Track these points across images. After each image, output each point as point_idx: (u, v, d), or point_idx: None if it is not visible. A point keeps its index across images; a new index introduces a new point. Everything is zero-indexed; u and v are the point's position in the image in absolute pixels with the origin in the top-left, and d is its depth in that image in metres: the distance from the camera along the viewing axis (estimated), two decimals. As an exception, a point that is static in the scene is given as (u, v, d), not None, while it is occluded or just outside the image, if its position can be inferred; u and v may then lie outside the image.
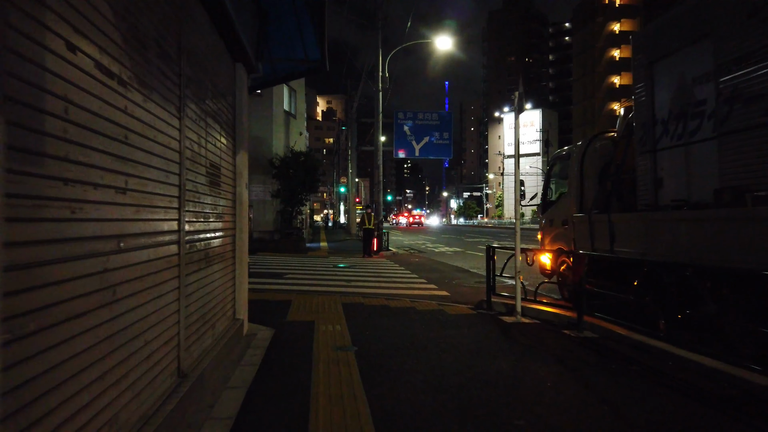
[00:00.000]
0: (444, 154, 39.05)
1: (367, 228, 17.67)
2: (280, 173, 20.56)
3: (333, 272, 12.48)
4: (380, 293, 8.99)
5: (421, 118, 37.81)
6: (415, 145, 38.18)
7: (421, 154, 38.82)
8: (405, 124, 36.99)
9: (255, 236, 20.20)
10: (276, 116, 21.41)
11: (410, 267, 14.05)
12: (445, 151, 38.75)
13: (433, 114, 38.05)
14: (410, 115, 38.56)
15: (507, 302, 7.15)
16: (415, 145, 38.18)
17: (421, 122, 37.75)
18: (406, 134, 37.30)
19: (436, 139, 37.87)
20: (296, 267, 13.49)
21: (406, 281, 10.90)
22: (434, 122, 37.87)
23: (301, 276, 11.50)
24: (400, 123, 38.50)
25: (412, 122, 38.07)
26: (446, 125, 38.29)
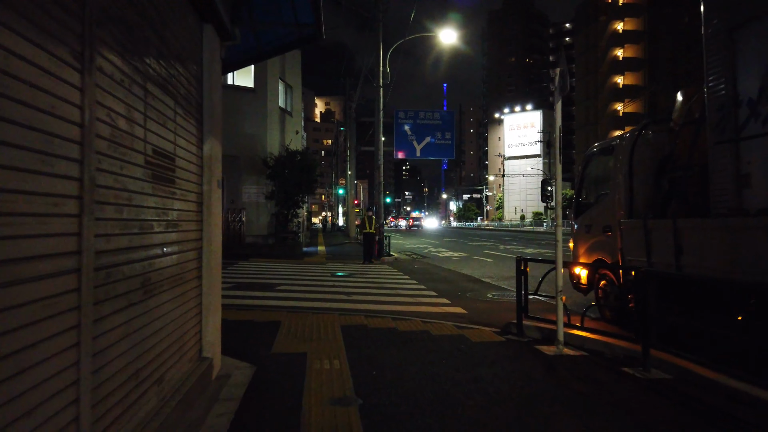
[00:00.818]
0: (446, 154, 37.79)
1: (367, 232, 16.41)
2: (274, 173, 19.29)
3: (331, 282, 11.20)
4: (385, 310, 7.72)
5: (422, 117, 36.56)
6: (416, 146, 36.91)
7: (423, 154, 37.57)
8: (405, 124, 35.75)
9: (248, 241, 18.93)
10: (270, 113, 20.15)
11: (415, 275, 12.78)
12: (447, 152, 37.49)
13: (434, 113, 36.80)
14: (411, 115, 37.30)
15: (543, 326, 5.88)
16: (416, 146, 36.91)
17: (422, 122, 36.50)
18: (407, 134, 36.05)
19: (438, 139, 36.63)
20: (290, 276, 12.21)
21: (413, 294, 9.62)
22: (436, 122, 36.65)
23: (295, 288, 10.22)
24: (401, 123, 37.26)
25: (413, 122, 36.80)
26: (448, 125, 37.07)
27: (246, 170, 19.31)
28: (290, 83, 22.68)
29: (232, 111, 18.96)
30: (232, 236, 18.43)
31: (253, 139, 19.38)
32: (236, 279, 11.36)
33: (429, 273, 13.63)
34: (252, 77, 19.52)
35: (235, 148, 18.97)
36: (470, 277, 12.56)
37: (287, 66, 22.22)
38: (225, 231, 18.29)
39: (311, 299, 8.74)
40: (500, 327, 6.46)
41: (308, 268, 14.36)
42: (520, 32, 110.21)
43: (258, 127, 19.57)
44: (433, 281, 11.66)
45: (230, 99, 18.77)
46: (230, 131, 19.03)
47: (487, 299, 9.03)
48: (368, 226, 16.38)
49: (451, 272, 13.93)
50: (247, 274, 12.60)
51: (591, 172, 7.31)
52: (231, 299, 8.51)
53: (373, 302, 8.49)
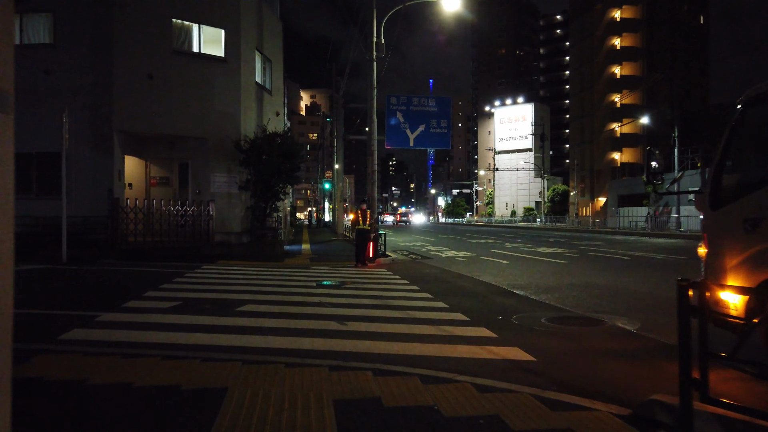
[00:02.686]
0: (441, 144, 34.69)
1: (361, 229, 13.50)
2: (249, 159, 16.29)
3: (317, 297, 8.27)
4: (404, 355, 4.83)
5: (415, 104, 33.50)
6: (410, 135, 33.85)
7: (416, 144, 34.52)
8: (398, 111, 32.73)
9: (217, 239, 15.92)
10: (245, 88, 17.11)
11: (426, 285, 9.91)
12: (442, 141, 34.41)
13: (429, 99, 33.81)
14: (404, 101, 34.16)
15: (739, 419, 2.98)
16: (410, 135, 33.85)
17: (416, 109, 33.49)
18: (400, 122, 33.02)
19: (433, 127, 33.63)
20: (262, 286, 9.26)
21: (435, 318, 6.73)
22: (431, 109, 33.69)
23: (266, 308, 7.28)
24: (393, 109, 34.07)
25: (406, 109, 33.67)
26: (444, 112, 34.09)
27: (215, 155, 16.28)
28: (269, 56, 19.63)
29: (198, 84, 15.90)
30: (198, 233, 15.41)
31: (223, 118, 16.34)
32: (186, 293, 8.39)
33: (441, 281, 10.77)
34: (222, 45, 16.45)
35: (202, 128, 15.93)
36: (497, 288, 9.72)
37: (266, 36, 19.16)
38: (190, 227, 15.29)
39: (286, 331, 5.81)
40: (622, 401, 3.59)
41: (288, 274, 11.41)
42: (511, 24, 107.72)
43: (230, 105, 16.52)
44: (453, 295, 8.80)
45: (195, 69, 15.70)
46: (195, 108, 15.99)
47: (547, 329, 6.18)
48: (362, 222, 13.47)
49: (468, 279, 11.08)
50: (206, 283, 9.62)
51: (754, 130, 4.44)
52: (160, 333, 5.56)
53: (381, 337, 5.58)
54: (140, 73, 14.99)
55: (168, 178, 16.75)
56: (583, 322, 6.46)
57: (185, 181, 16.46)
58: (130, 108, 14.93)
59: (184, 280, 10.14)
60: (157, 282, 9.62)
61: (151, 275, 10.96)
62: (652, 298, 8.51)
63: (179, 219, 15.18)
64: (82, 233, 14.33)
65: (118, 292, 8.67)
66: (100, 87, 14.73)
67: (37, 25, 14.96)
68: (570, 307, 7.62)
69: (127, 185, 16.38)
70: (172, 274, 10.89)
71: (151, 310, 6.92)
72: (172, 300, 7.67)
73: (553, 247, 21.37)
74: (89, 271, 11.60)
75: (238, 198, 16.75)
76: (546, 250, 19.33)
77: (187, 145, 16.22)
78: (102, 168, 14.69)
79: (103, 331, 5.74)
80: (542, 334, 5.82)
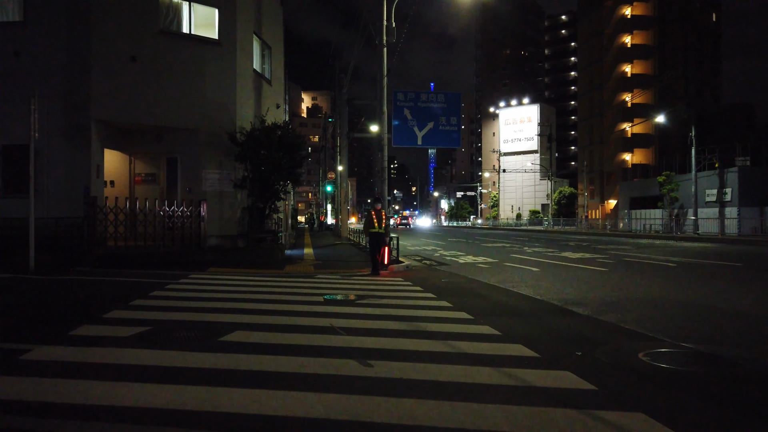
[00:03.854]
0: (451, 142, 32.82)
1: (376, 232, 11.68)
2: (246, 154, 14.52)
3: (325, 319, 6.47)
4: (467, 431, 3.04)
5: (424, 99, 31.75)
6: (417, 132, 32.08)
7: (425, 142, 32.69)
8: (405, 107, 31.08)
9: (210, 243, 14.14)
10: (241, 76, 15.34)
11: (457, 300, 8.09)
12: (452, 139, 32.58)
13: (438, 95, 31.96)
14: (411, 97, 32.34)
15: None
16: (417, 132, 32.08)
17: (424, 105, 31.74)
18: (407, 119, 31.28)
19: (443, 125, 31.91)
20: (258, 302, 7.46)
21: (489, 354, 4.90)
22: (440, 105, 31.95)
23: (258, 336, 5.48)
24: (400, 106, 32.27)
25: (414, 105, 31.89)
26: (454, 108, 32.28)
27: (208, 149, 14.51)
28: (268, 43, 17.88)
29: (189, 68, 14.14)
30: (187, 237, 13.64)
31: (217, 108, 14.57)
32: (161, 312, 6.59)
33: (473, 294, 8.95)
34: (216, 26, 14.69)
35: (193, 118, 14.17)
36: (547, 304, 7.91)
37: (265, 20, 17.42)
38: (178, 230, 13.52)
39: (284, 380, 3.99)
40: None
41: (289, 285, 9.60)
42: (515, 23, 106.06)
43: (224, 93, 14.76)
44: (496, 314, 6.99)
45: (185, 52, 13.94)
46: (185, 96, 14.21)
47: (658, 373, 4.36)
48: (377, 225, 11.66)
49: (504, 292, 9.27)
50: (189, 298, 7.82)
51: None
52: (96, 384, 3.73)
53: (426, 390, 3.77)
54: (122, 56, 13.23)
55: (154, 174, 14.97)
56: (704, 361, 4.64)
57: (174, 178, 14.69)
58: (111, 95, 13.17)
59: (163, 293, 8.35)
60: (130, 296, 7.84)
61: (127, 287, 9.18)
62: (758, 321, 6.70)
63: (166, 221, 13.42)
64: (54, 237, 12.56)
65: (77, 310, 6.89)
66: (75, 70, 12.97)
67: (4, 0, 13.22)
68: (658, 333, 5.81)
69: (108, 183, 14.62)
70: (152, 286, 9.11)
71: (105, 341, 5.13)
72: (139, 324, 5.88)
73: (578, 251, 19.55)
74: (55, 282, 9.82)
75: (234, 197, 14.97)
76: (573, 255, 17.51)
77: (176, 137, 14.46)
78: (78, 163, 12.91)
79: (20, 379, 3.94)
80: (661, 385, 3.99)
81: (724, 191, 42.13)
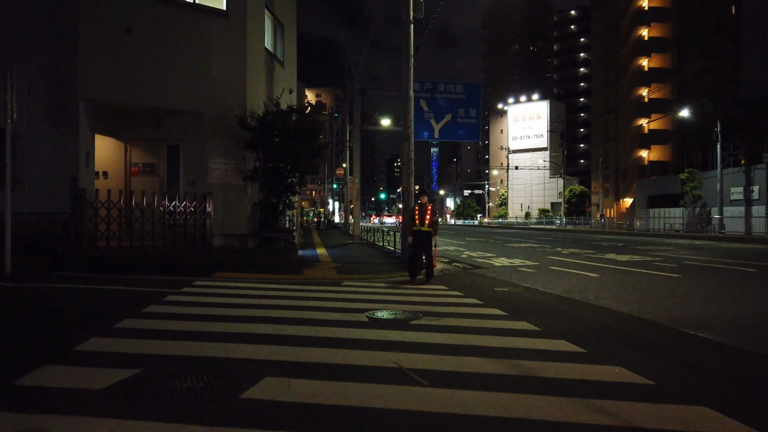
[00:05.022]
0: (470, 135, 31.19)
1: (420, 230, 9.78)
2: (257, 141, 12.70)
3: (384, 354, 4.63)
4: None
5: (441, 90, 29.99)
6: (434, 125, 30.37)
7: (442, 135, 31.04)
8: (421, 98, 29.25)
9: (217, 243, 12.36)
10: (252, 54, 13.51)
11: (537, 318, 6.25)
12: (471, 132, 30.92)
13: (456, 86, 30.20)
14: (428, 87, 30.57)
15: None
16: (434, 125, 30.37)
17: (442, 95, 29.96)
18: (423, 111, 29.52)
19: (461, 117, 30.13)
20: (283, 324, 5.62)
21: (663, 428, 3.09)
22: (458, 96, 30.14)
23: (301, 387, 3.65)
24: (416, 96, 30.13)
25: (431, 95, 30.15)
26: (473, 100, 30.50)
27: (214, 135, 12.68)
28: (281, 19, 16.04)
29: (193, 42, 12.32)
30: (191, 237, 11.84)
31: (225, 88, 12.74)
32: (154, 342, 4.75)
33: (553, 312, 7.11)
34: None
35: (197, 100, 12.35)
36: (659, 327, 6.06)
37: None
38: (181, 228, 11.74)
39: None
40: None
41: (314, 297, 7.76)
42: (524, 19, 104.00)
43: (233, 71, 12.93)
44: (611, 344, 5.15)
45: (188, 24, 12.12)
46: (189, 73, 12.36)
47: None
48: (418, 222, 9.77)
49: (589, 308, 7.43)
50: (192, 317, 5.98)
51: None
52: None
53: None
54: (115, 26, 11.40)
55: (153, 164, 13.15)
56: None
57: (175, 169, 12.87)
58: (102, 71, 11.35)
59: (160, 309, 6.53)
60: (118, 313, 6.05)
61: (116, 298, 7.39)
62: None
63: (167, 218, 11.63)
64: (35, 236, 10.75)
65: (43, 337, 5.08)
66: (61, 42, 11.16)
67: (-22, -39, 11.41)
68: None
69: (101, 174, 12.81)
70: (148, 297, 7.32)
71: (67, 400, 3.32)
72: (124, 363, 4.06)
73: (620, 253, 17.68)
74: (30, 291, 8.03)
75: (243, 191, 13.15)
76: (621, 258, 15.65)
77: (178, 122, 12.64)
78: (64, 150, 11.10)
79: None
80: None
81: (751, 189, 40.25)
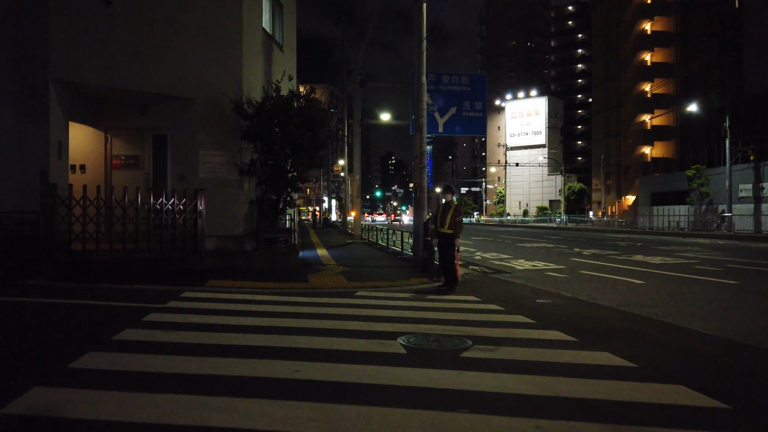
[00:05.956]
0: (475, 129, 29.52)
1: (439, 232, 8.42)
2: (255, 130, 11.24)
3: (438, 415, 3.23)
4: None
5: (446, 82, 28.38)
6: (438, 119, 28.71)
7: (446, 130, 29.44)
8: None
9: (210, 246, 10.93)
10: (249, 32, 12.05)
11: (622, 347, 4.86)
12: (476, 126, 29.23)
13: (462, 77, 28.57)
14: (432, 79, 28.88)
15: None
16: (438, 119, 28.71)
17: (446, 88, 28.37)
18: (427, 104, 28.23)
19: (466, 110, 28.51)
20: (294, 359, 4.21)
21: None
22: (464, 88, 28.55)
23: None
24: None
25: (435, 88, 28.52)
26: (479, 92, 28.86)
27: (206, 123, 11.21)
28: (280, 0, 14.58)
29: (181, 18, 10.84)
30: (180, 238, 10.39)
31: (218, 70, 11.27)
32: (126, 395, 3.30)
33: (629, 333, 5.72)
34: (216, -34, 11.36)
35: (187, 83, 10.89)
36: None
37: (275, -30, 14.13)
38: (169, 229, 10.31)
39: None
40: None
41: (328, 314, 6.32)
42: (521, 14, 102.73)
43: (227, 52, 11.45)
44: (761, 396, 3.81)
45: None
46: (177, 53, 10.88)
47: None
48: (439, 223, 8.37)
49: (673, 330, 6.07)
50: (178, 349, 4.51)
51: None
52: None
53: None
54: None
55: (137, 157, 11.66)
56: None
57: (162, 161, 11.39)
58: (77, 49, 9.85)
59: (137, 335, 5.10)
60: (83, 339, 4.64)
61: (84, 320, 5.95)
62: None
63: (153, 217, 10.18)
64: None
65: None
66: (28, 15, 9.65)
67: None
68: None
69: (78, 168, 11.32)
70: (125, 314, 5.92)
71: None
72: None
73: (648, 254, 16.40)
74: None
75: (239, 187, 11.69)
76: (654, 260, 14.34)
77: (165, 108, 11.15)
78: (32, 139, 9.60)
79: None
80: None
81: (761, 186, 39.22)
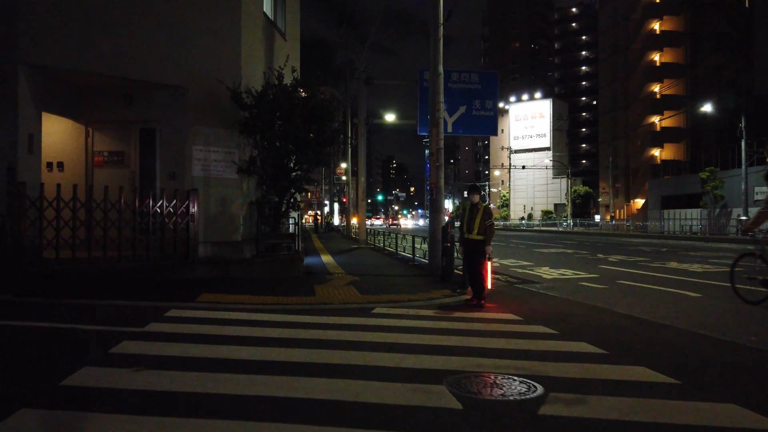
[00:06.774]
0: (486, 129, 28.24)
1: (471, 239, 7.18)
2: (255, 123, 9.97)
3: None
4: None
5: (455, 79, 27.16)
6: (447, 118, 27.32)
7: (455, 129, 28.17)
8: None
9: (203, 254, 9.68)
10: (248, 20, 10.80)
11: (736, 392, 3.61)
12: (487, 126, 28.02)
13: (472, 75, 27.35)
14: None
15: None
16: (447, 118, 27.32)
17: (455, 86, 27.18)
18: (435, 102, 27.08)
19: (476, 109, 27.32)
20: (296, 420, 2.95)
21: None
22: (474, 86, 27.38)
23: None
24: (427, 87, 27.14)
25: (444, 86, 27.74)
26: (490, 90, 27.71)
27: (200, 116, 9.95)
28: (283, -18, 13.36)
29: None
30: (169, 245, 9.13)
31: (213, 55, 10.02)
32: None
33: (734, 370, 4.44)
34: (211, -60, 10.13)
35: (179, 70, 9.63)
36: None
37: (278, -49, 12.91)
38: (158, 234, 9.06)
39: None
40: None
41: (342, 342, 5.01)
42: (525, 16, 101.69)
43: (224, 36, 10.21)
44: None
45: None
46: (166, 36, 9.58)
47: None
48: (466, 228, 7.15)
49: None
50: (145, 402, 3.21)
51: None
52: None
53: None
54: (68, -31, 8.68)
55: (122, 153, 10.39)
56: None
57: (150, 158, 10.13)
58: (51, 29, 8.62)
59: (91, 380, 3.83)
60: (14, 395, 3.35)
61: (34, 352, 4.69)
62: None
63: (139, 221, 8.93)
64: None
65: None
66: (-5, -11, 8.43)
67: None
68: None
69: (55, 165, 10.06)
70: (90, 343, 4.68)
71: None
72: None
73: (681, 261, 15.12)
74: None
75: (237, 187, 10.41)
76: (694, 268, 13.06)
77: (154, 99, 9.90)
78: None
79: None
80: None
81: (778, 188, 37.96)
